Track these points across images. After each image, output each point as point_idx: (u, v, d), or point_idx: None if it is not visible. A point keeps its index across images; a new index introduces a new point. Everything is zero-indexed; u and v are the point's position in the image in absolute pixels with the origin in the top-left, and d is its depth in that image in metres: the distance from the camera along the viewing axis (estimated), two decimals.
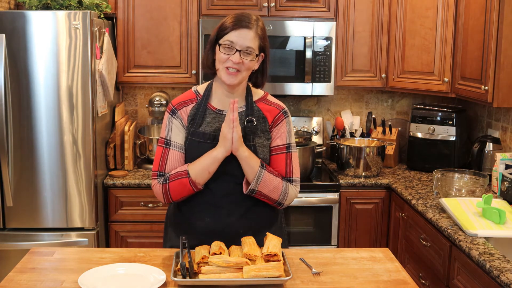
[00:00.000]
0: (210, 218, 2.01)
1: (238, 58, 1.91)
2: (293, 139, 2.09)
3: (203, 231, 2.01)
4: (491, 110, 3.43)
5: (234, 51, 1.91)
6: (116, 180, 3.23)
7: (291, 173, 2.04)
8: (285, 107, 2.10)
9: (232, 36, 1.91)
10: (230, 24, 1.93)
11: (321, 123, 3.86)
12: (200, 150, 1.96)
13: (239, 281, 1.73)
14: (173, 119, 2.03)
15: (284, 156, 2.04)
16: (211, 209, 2.01)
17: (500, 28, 2.75)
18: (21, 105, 2.93)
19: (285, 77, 3.47)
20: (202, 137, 1.97)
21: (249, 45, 1.92)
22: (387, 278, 1.86)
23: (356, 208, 3.34)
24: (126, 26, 3.43)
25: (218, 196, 2.00)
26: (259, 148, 1.99)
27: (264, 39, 1.97)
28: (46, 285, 1.77)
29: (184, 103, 2.04)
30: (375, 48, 3.56)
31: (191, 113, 2.01)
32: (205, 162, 1.93)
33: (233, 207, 2.01)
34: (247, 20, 1.93)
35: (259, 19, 1.99)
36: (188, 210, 2.05)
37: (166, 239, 2.19)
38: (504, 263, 2.04)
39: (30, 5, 2.99)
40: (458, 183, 2.90)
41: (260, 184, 1.94)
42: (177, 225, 2.12)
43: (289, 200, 2.03)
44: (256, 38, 1.93)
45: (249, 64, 1.94)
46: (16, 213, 3.00)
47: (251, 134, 1.98)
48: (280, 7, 3.47)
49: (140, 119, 3.87)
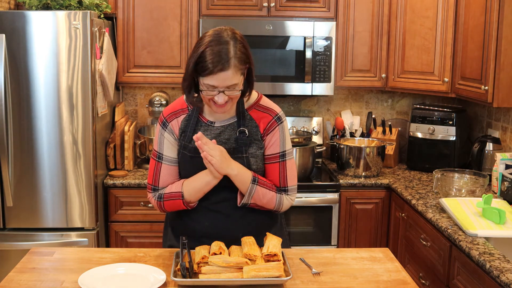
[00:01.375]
0: (209, 222, 2.00)
1: (224, 98, 1.84)
2: (288, 145, 2.02)
3: (203, 235, 2.00)
4: (491, 110, 3.43)
5: (217, 92, 1.83)
6: (116, 180, 3.23)
7: (285, 183, 2.00)
8: (279, 112, 2.03)
9: (211, 80, 1.80)
10: (209, 64, 1.78)
11: (321, 123, 3.86)
12: (193, 164, 1.95)
13: (239, 281, 1.73)
14: (164, 132, 2.00)
15: (278, 166, 1.99)
16: (209, 214, 2.00)
17: (500, 28, 2.75)
18: (21, 105, 2.93)
19: (285, 77, 3.47)
20: (194, 152, 1.93)
21: (230, 84, 1.82)
22: (387, 278, 1.86)
23: (356, 208, 3.34)
24: (126, 26, 3.44)
25: (215, 202, 1.99)
26: (251, 159, 1.96)
27: (244, 60, 1.85)
28: (46, 285, 1.77)
29: (175, 114, 2.00)
30: (375, 48, 3.56)
31: (182, 125, 1.98)
32: (198, 185, 1.93)
33: (231, 211, 1.99)
34: (225, 57, 1.78)
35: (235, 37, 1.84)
36: (186, 215, 2.04)
37: (166, 239, 2.19)
38: (504, 263, 2.04)
39: (30, 5, 2.99)
40: (458, 183, 2.90)
41: (252, 198, 1.94)
42: (176, 227, 2.11)
43: (284, 208, 2.02)
44: (237, 72, 1.82)
45: (236, 95, 1.87)
46: (16, 213, 3.00)
47: (244, 146, 1.94)
48: (280, 7, 3.47)
49: (140, 119, 3.87)
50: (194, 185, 1.93)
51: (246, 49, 1.87)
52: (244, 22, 3.41)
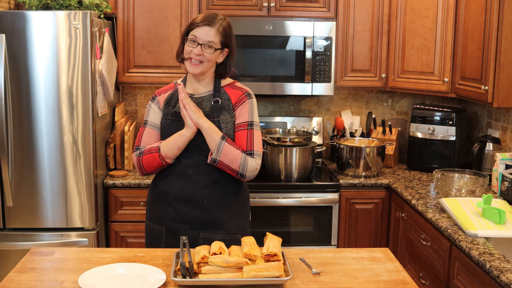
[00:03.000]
0: (179, 186, 2.25)
1: (199, 51, 2.20)
2: (256, 119, 2.30)
3: (173, 198, 2.25)
4: (491, 110, 3.43)
5: (196, 44, 2.20)
6: (116, 180, 3.23)
7: (252, 147, 2.24)
8: (250, 91, 2.33)
9: (196, 31, 2.20)
10: (196, 21, 2.22)
11: (321, 123, 3.86)
12: (173, 127, 2.25)
13: (239, 281, 1.74)
14: (152, 104, 2.35)
15: (246, 132, 2.25)
16: (180, 178, 2.25)
17: (500, 28, 2.75)
18: (21, 105, 2.93)
19: (285, 77, 3.47)
20: (175, 116, 2.26)
21: (210, 40, 2.20)
22: (387, 278, 1.86)
23: (356, 208, 3.34)
24: (126, 26, 3.44)
25: (187, 166, 2.25)
26: (222, 124, 2.23)
27: (226, 37, 2.24)
28: (46, 285, 1.77)
29: (163, 91, 2.38)
30: (375, 48, 3.56)
31: (167, 98, 2.33)
32: (174, 138, 2.22)
33: (200, 177, 2.24)
34: (211, 19, 2.22)
35: (225, 19, 2.27)
36: (160, 180, 2.30)
37: (147, 213, 2.40)
38: (504, 263, 2.04)
39: (30, 5, 2.99)
40: (458, 183, 2.90)
41: (221, 154, 2.17)
42: (152, 193, 2.36)
43: (249, 171, 2.22)
44: (217, 34, 2.21)
45: (209, 57, 2.22)
46: (16, 213, 3.00)
47: (216, 112, 2.24)
48: (280, 7, 3.47)
49: (140, 119, 3.87)
50: (171, 138, 2.23)
51: (231, 31, 2.27)
52: (244, 22, 3.41)
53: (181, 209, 2.25)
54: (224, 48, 2.25)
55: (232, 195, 2.31)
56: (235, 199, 2.32)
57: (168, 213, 2.27)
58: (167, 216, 2.27)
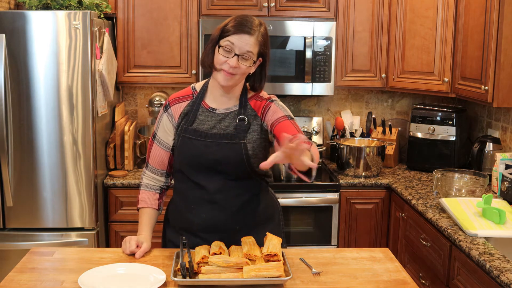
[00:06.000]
0: (206, 214, 2.03)
1: (235, 62, 1.91)
2: (290, 114, 2.05)
3: (200, 229, 2.03)
4: (491, 110, 3.43)
5: (232, 54, 1.91)
6: (116, 180, 3.23)
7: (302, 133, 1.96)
8: (272, 97, 2.09)
9: (233, 38, 1.90)
10: (232, 27, 1.92)
11: (321, 123, 3.86)
12: (191, 146, 2.00)
13: (239, 281, 1.73)
14: (163, 115, 2.09)
15: (289, 122, 1.99)
16: (206, 206, 2.03)
17: (500, 28, 2.75)
18: (21, 105, 2.92)
19: (285, 77, 3.47)
20: (193, 134, 2.01)
21: (248, 50, 1.92)
22: (387, 278, 1.86)
23: (356, 208, 3.34)
24: (126, 26, 3.44)
25: (213, 192, 2.01)
26: (249, 144, 1.99)
27: (265, 46, 1.97)
28: (46, 285, 1.77)
29: (178, 99, 2.08)
30: (375, 48, 3.56)
31: (185, 110, 2.05)
32: (141, 221, 2.20)
33: (227, 203, 2.02)
34: (249, 25, 1.92)
35: (262, 24, 1.98)
36: (184, 207, 2.08)
37: (165, 236, 2.22)
38: (504, 263, 2.04)
39: (30, 5, 2.99)
40: (458, 183, 2.90)
41: None
42: (174, 221, 2.15)
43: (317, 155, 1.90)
44: (256, 44, 1.93)
45: (245, 70, 1.95)
46: (16, 213, 3.00)
47: (242, 132, 1.99)
48: (280, 7, 3.47)
49: (140, 119, 3.87)
50: (141, 219, 2.20)
51: (268, 39, 1.99)
52: None
53: (209, 238, 2.01)
54: (259, 58, 1.99)
55: (265, 221, 2.12)
56: (267, 223, 2.13)
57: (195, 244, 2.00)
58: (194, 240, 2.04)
